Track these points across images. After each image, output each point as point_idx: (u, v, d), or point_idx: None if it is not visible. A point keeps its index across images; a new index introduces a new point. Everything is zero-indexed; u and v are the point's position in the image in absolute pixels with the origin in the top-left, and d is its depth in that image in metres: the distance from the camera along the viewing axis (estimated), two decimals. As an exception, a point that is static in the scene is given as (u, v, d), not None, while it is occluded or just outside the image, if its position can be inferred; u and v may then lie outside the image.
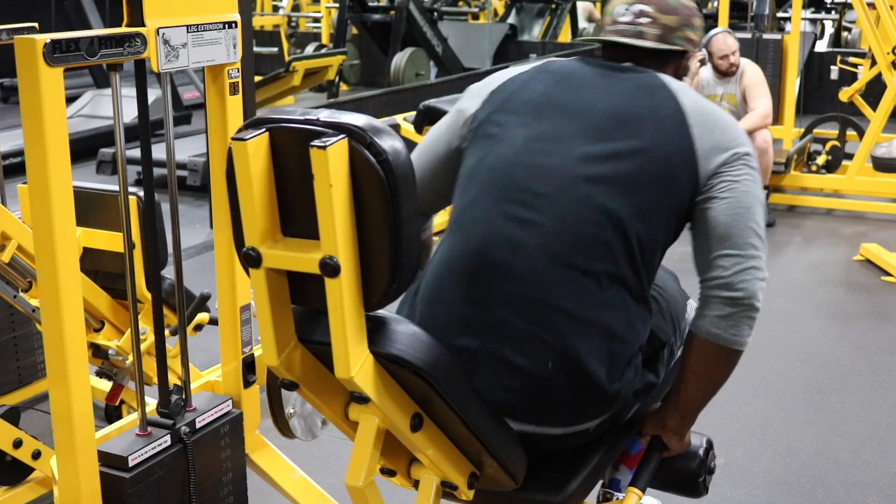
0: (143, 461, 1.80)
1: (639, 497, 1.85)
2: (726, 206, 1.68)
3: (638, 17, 1.79)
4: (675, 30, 1.80)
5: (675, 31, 1.80)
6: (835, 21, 10.59)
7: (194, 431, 1.91)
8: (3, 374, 2.92)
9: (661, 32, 1.79)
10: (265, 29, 12.96)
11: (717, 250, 1.68)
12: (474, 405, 1.60)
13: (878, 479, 2.89)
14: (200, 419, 1.94)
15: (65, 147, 1.68)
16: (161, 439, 1.85)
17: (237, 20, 1.98)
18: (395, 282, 1.42)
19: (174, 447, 1.87)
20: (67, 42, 1.65)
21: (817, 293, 4.54)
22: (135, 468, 1.79)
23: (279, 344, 1.50)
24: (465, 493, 1.69)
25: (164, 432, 1.87)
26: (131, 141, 1.95)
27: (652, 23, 1.79)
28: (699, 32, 1.86)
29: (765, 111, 5.53)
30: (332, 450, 2.86)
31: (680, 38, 1.81)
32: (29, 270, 2.54)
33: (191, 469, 1.88)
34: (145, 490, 1.81)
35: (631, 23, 1.80)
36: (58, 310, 1.72)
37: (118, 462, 1.78)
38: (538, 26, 11.56)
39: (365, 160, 1.37)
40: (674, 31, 1.80)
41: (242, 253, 1.46)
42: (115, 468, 1.78)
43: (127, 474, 1.77)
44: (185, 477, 1.87)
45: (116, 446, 1.81)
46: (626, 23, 1.80)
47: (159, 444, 1.84)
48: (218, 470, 1.99)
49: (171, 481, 1.86)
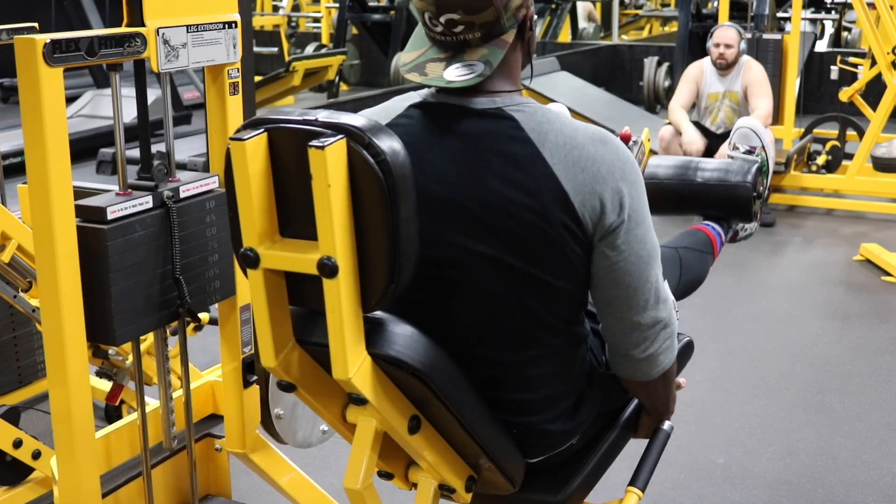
0: (122, 217, 1.75)
1: (639, 497, 1.85)
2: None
3: (451, 28, 1.53)
4: (498, 18, 1.53)
5: (499, 21, 1.53)
6: (835, 21, 10.58)
7: (178, 200, 1.86)
8: (3, 374, 2.91)
9: (485, 31, 1.53)
10: (265, 29, 12.96)
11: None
12: (472, 408, 1.60)
13: (878, 479, 2.89)
14: (185, 188, 1.89)
15: (65, 147, 1.69)
16: (142, 199, 1.80)
17: (237, 20, 1.98)
18: (393, 282, 1.42)
19: (156, 209, 1.82)
20: (67, 42, 1.66)
21: (817, 293, 4.54)
22: (113, 221, 1.74)
23: (277, 345, 1.49)
24: (463, 497, 1.69)
25: (145, 194, 1.83)
26: (131, 141, 1.94)
27: (469, 29, 1.52)
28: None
29: (765, 112, 5.54)
30: (332, 450, 2.86)
31: (510, 19, 1.54)
32: (29, 270, 2.55)
33: (174, 233, 1.81)
34: (124, 246, 1.74)
35: (446, 34, 1.54)
36: (58, 310, 1.72)
37: (96, 214, 1.73)
38: (538, 26, 11.53)
39: (363, 160, 1.37)
40: (497, 21, 1.53)
41: (240, 254, 1.46)
42: (93, 221, 1.73)
43: (105, 226, 1.73)
44: (168, 242, 1.81)
45: (95, 201, 1.76)
46: (441, 33, 1.54)
47: (140, 204, 1.79)
48: (204, 247, 1.92)
49: (153, 245, 1.80)
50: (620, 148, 1.59)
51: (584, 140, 1.55)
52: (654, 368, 1.67)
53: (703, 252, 2.41)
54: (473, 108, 1.57)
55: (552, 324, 1.62)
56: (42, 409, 2.85)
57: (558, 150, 1.53)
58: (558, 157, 1.53)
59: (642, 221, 1.59)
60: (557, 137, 1.55)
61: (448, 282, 1.59)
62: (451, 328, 1.60)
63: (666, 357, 1.67)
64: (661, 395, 1.77)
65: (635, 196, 1.57)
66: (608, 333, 1.68)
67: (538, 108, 1.58)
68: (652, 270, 1.61)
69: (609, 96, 6.73)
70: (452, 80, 1.54)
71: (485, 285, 1.58)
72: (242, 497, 2.63)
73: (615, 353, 1.69)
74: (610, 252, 1.57)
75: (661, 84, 8.51)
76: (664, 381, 1.72)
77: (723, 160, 2.54)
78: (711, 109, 5.81)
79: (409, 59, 1.59)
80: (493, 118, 1.56)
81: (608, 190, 1.54)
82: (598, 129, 1.60)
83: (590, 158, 1.54)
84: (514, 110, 1.57)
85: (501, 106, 1.57)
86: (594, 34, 12.30)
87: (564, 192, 1.52)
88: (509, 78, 1.62)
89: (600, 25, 12.75)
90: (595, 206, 1.53)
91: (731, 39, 5.64)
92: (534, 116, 1.56)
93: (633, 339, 1.64)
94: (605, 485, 1.90)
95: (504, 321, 1.61)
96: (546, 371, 1.66)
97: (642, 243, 1.59)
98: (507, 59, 1.59)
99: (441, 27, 1.54)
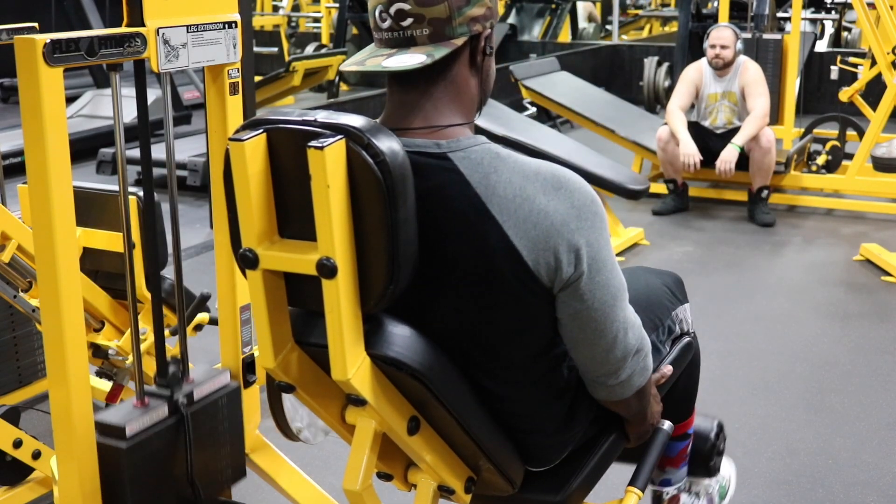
0: (140, 431, 1.78)
1: (639, 497, 1.85)
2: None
3: (400, 21, 1.46)
4: (450, 19, 1.46)
5: (450, 22, 1.46)
6: (835, 21, 10.58)
7: (192, 403, 1.89)
8: (3, 374, 2.91)
9: (433, 29, 1.46)
10: (265, 29, 12.96)
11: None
12: (471, 409, 1.60)
13: (878, 479, 2.89)
14: (198, 391, 1.92)
15: (65, 147, 1.69)
16: (158, 410, 1.83)
17: (237, 20, 1.98)
18: (392, 283, 1.42)
19: (171, 418, 1.85)
20: (67, 42, 1.66)
21: (817, 293, 4.54)
22: (132, 438, 1.76)
23: (276, 346, 1.50)
24: (462, 498, 1.69)
25: (161, 402, 1.85)
26: (131, 141, 1.94)
27: (418, 22, 1.45)
28: (484, 1, 1.50)
29: (762, 111, 5.55)
30: (332, 450, 2.86)
31: (460, 26, 1.47)
32: (29, 270, 2.54)
33: (189, 440, 1.85)
34: (143, 461, 1.78)
35: (393, 28, 1.47)
36: (58, 310, 1.72)
37: (115, 432, 1.76)
38: (538, 26, 11.56)
39: (362, 161, 1.37)
40: (448, 21, 1.46)
41: (239, 254, 1.46)
42: (112, 437, 1.76)
43: (124, 444, 1.75)
44: (184, 448, 1.85)
45: (114, 416, 1.79)
46: (388, 29, 1.48)
47: (156, 415, 1.82)
48: (216, 442, 1.97)
49: (169, 453, 1.84)
50: (576, 192, 1.49)
51: (535, 191, 1.47)
52: (628, 391, 1.66)
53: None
54: (416, 159, 1.45)
55: (521, 360, 1.61)
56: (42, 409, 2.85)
57: (507, 205, 1.46)
58: (507, 213, 1.46)
59: (603, 266, 1.52)
60: (506, 190, 1.46)
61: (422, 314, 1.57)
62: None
63: (639, 378, 1.66)
64: (636, 408, 1.76)
65: (593, 243, 1.50)
66: (579, 364, 1.65)
67: (485, 154, 1.49)
68: (618, 310, 1.57)
69: (609, 96, 6.72)
70: (391, 66, 1.46)
71: (451, 322, 1.57)
72: (242, 497, 2.62)
73: (587, 379, 1.67)
74: (572, 301, 1.53)
75: (661, 84, 8.51)
76: (637, 397, 1.71)
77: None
78: (711, 110, 5.81)
79: (352, 59, 1.54)
80: (437, 171, 1.47)
81: (563, 244, 1.47)
82: (553, 171, 1.50)
83: (541, 212, 1.46)
84: (460, 157, 1.48)
85: (446, 151, 1.48)
86: (594, 34, 12.30)
87: (516, 251, 1.46)
88: (458, 106, 1.53)
89: (600, 25, 12.75)
90: (550, 262, 1.48)
91: (726, 40, 5.65)
92: (480, 166, 1.47)
93: (605, 370, 1.62)
94: (605, 485, 1.90)
95: (476, 352, 1.59)
96: (528, 391, 1.65)
97: (605, 288, 1.53)
98: (455, 79, 1.52)
99: (389, 20, 1.47)
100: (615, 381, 1.64)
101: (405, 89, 1.52)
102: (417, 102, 1.51)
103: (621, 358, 1.61)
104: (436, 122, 1.51)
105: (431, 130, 1.50)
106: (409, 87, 1.51)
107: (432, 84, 1.51)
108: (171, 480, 1.85)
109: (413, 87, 1.51)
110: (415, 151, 1.48)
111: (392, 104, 1.54)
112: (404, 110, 1.52)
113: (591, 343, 1.58)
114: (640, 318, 1.67)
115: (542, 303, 1.54)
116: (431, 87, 1.51)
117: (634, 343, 1.61)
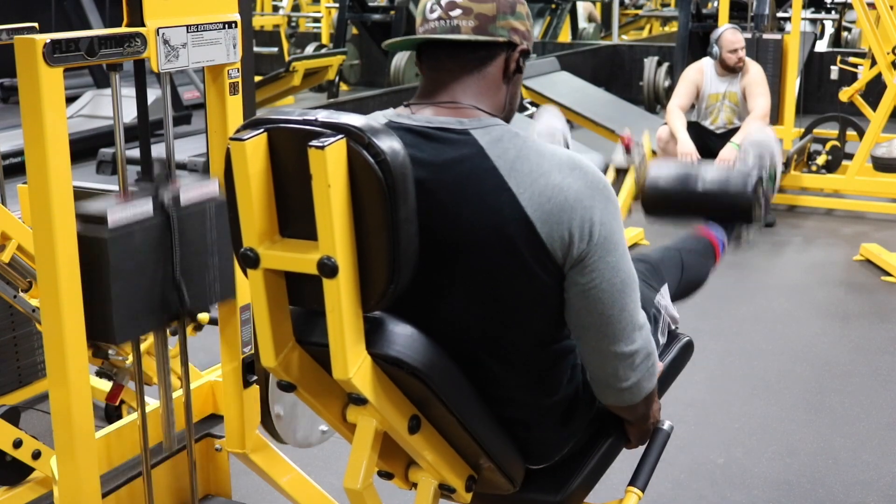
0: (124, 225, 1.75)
1: (639, 497, 1.85)
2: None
3: (449, 11, 1.56)
4: (494, 18, 1.57)
5: (494, 21, 1.57)
6: (835, 21, 10.59)
7: (179, 206, 1.86)
8: (3, 374, 2.92)
9: (479, 23, 1.56)
10: (265, 29, 12.96)
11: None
12: (472, 407, 1.60)
13: (878, 479, 2.89)
14: (185, 195, 1.88)
15: (65, 147, 1.69)
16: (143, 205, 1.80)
17: (237, 20, 1.98)
18: (393, 282, 1.42)
19: (157, 217, 1.81)
20: (67, 42, 1.66)
21: (817, 293, 4.54)
22: (115, 230, 1.74)
23: (277, 345, 1.50)
24: (463, 497, 1.69)
25: (146, 199, 1.82)
26: (131, 141, 1.94)
27: (466, 14, 1.56)
28: (525, 21, 1.62)
29: (763, 111, 5.55)
30: (332, 450, 2.86)
31: (502, 28, 1.58)
32: (29, 270, 2.55)
33: (174, 241, 1.81)
34: (124, 253, 1.74)
35: (442, 17, 1.57)
36: (58, 310, 1.72)
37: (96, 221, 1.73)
38: (538, 26, 11.57)
39: (363, 160, 1.37)
40: (493, 20, 1.57)
41: (240, 254, 1.46)
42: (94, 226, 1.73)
43: (106, 234, 1.72)
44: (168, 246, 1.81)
45: (96, 206, 1.76)
46: (437, 18, 1.57)
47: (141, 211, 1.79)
48: (204, 251, 1.92)
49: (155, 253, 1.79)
50: (590, 173, 1.55)
51: (551, 167, 1.51)
52: (637, 396, 1.66)
53: (705, 255, 2.42)
54: (437, 133, 1.53)
55: (526, 347, 1.61)
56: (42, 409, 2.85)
57: (524, 179, 1.50)
58: (524, 187, 1.50)
59: (614, 249, 1.54)
60: (524, 165, 1.51)
61: (425, 305, 1.58)
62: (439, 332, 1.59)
63: (648, 383, 1.66)
64: (642, 411, 1.76)
65: (606, 223, 1.53)
66: (587, 362, 1.66)
67: (505, 132, 1.55)
68: (627, 299, 1.57)
69: (609, 96, 6.73)
70: (438, 35, 1.56)
71: (453, 313, 1.57)
72: (242, 497, 2.63)
73: (596, 382, 1.67)
74: (580, 279, 1.54)
75: (661, 84, 8.51)
76: (646, 401, 1.71)
77: (723, 167, 2.57)
78: (712, 110, 5.81)
79: (395, 39, 1.64)
80: (458, 144, 1.53)
81: (576, 219, 1.50)
82: (568, 154, 1.56)
83: (556, 187, 1.50)
84: (481, 134, 1.53)
85: (468, 128, 1.54)
86: (594, 34, 12.30)
87: (531, 224, 1.49)
88: (486, 100, 1.60)
89: (600, 25, 12.75)
90: (563, 236, 1.50)
91: (742, 42, 5.67)
92: (500, 142, 1.53)
93: (613, 371, 1.62)
94: (605, 485, 1.90)
95: (479, 341, 1.60)
96: (529, 384, 1.65)
97: (615, 270, 1.55)
98: (487, 76, 1.59)
99: (439, 11, 1.57)
100: (624, 384, 1.63)
101: (439, 73, 1.60)
102: (449, 84, 1.59)
103: (629, 356, 1.60)
104: (462, 101, 1.58)
105: (456, 107, 1.57)
106: (443, 72, 1.59)
107: (466, 72, 1.59)
108: (156, 281, 1.79)
109: (448, 72, 1.59)
110: (437, 127, 1.54)
111: (425, 82, 1.62)
112: (435, 86, 1.60)
113: (598, 331, 1.58)
114: None
115: (552, 281, 1.54)
116: (465, 75, 1.59)
117: (641, 344, 1.61)
